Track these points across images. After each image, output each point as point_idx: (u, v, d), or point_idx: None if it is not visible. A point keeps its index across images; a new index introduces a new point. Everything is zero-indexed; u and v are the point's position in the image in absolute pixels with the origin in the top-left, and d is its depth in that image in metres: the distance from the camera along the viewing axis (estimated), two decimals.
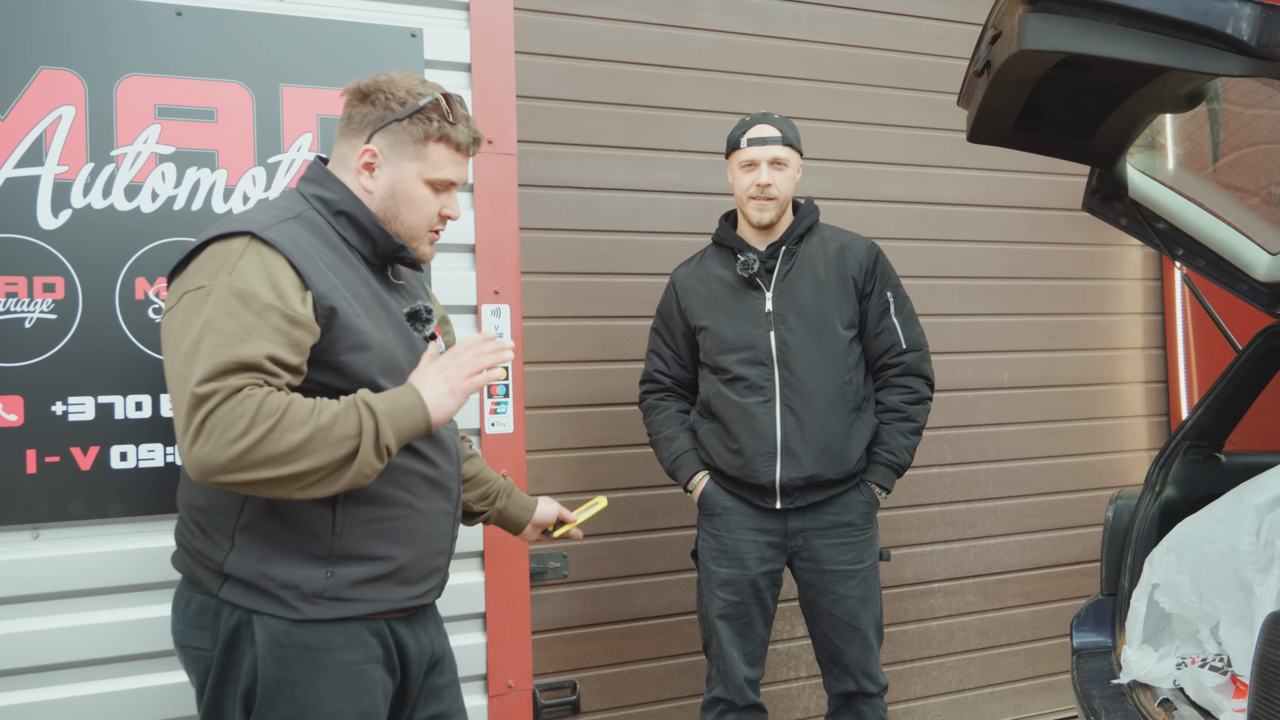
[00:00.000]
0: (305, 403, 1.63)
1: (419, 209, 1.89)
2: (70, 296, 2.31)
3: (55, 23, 2.32)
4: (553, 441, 3.20)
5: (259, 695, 1.75)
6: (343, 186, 1.87)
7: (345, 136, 1.89)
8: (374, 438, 1.66)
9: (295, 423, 1.60)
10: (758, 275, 2.73)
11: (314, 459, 1.61)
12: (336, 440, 1.62)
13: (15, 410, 2.26)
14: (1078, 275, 4.08)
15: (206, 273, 1.68)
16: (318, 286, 1.72)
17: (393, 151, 1.86)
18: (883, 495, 2.77)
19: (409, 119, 1.85)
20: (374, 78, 1.88)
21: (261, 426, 1.57)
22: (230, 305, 1.63)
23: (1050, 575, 3.97)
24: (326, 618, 1.77)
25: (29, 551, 2.28)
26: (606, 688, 3.27)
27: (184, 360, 1.61)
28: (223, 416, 1.56)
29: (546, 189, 3.23)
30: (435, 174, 1.88)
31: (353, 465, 1.65)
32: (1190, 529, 2.55)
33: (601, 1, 3.32)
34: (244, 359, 1.60)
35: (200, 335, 1.61)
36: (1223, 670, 2.33)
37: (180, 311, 1.67)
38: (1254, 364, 2.79)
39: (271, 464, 1.58)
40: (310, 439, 1.60)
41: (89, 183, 2.34)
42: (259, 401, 1.58)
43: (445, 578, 1.99)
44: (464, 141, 1.90)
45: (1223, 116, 2.46)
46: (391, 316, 1.87)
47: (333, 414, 1.64)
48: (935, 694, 3.77)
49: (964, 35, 3.78)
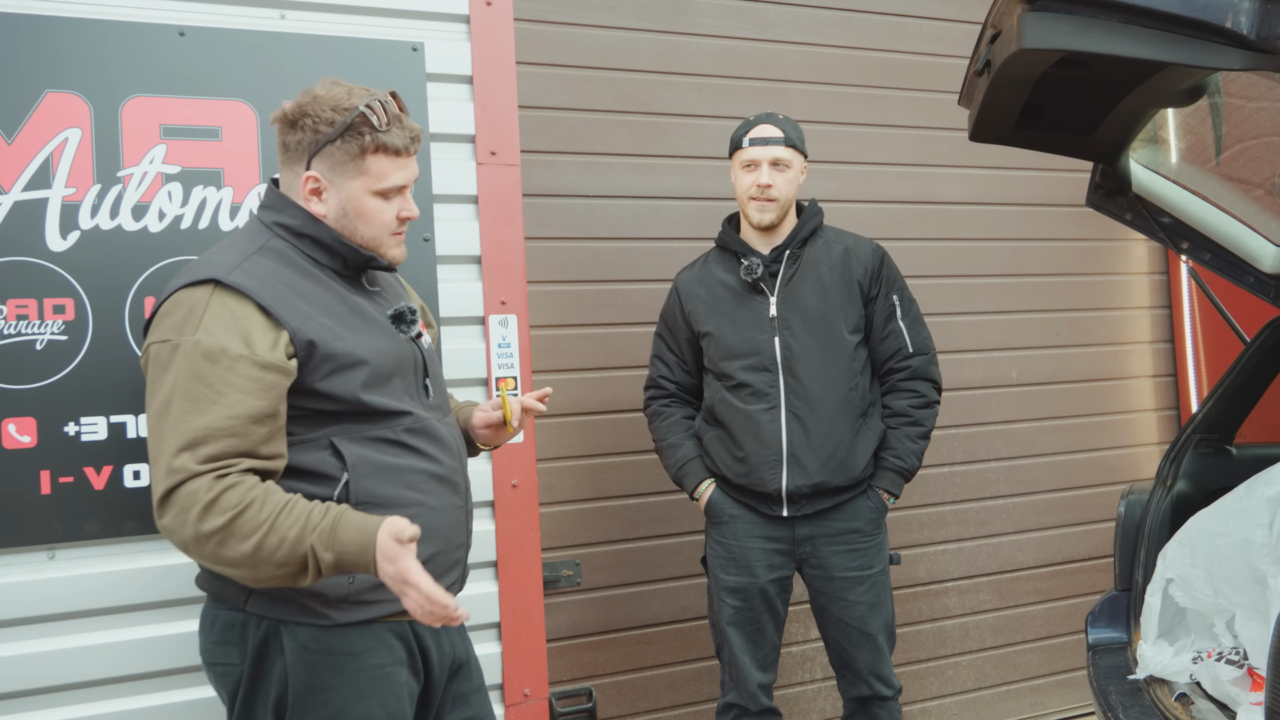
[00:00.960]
0: (261, 511, 1.63)
1: (374, 220, 1.86)
2: (80, 317, 2.33)
3: (60, 46, 2.34)
4: (563, 450, 3.21)
5: (290, 703, 1.77)
6: (300, 210, 1.86)
7: (287, 165, 1.87)
8: (315, 573, 1.66)
9: (245, 532, 1.61)
10: (761, 280, 2.72)
11: (255, 571, 1.64)
12: (280, 563, 1.63)
13: (29, 432, 2.27)
14: (1083, 271, 4.07)
15: (172, 324, 1.70)
16: (291, 322, 1.73)
17: (334, 173, 1.82)
18: (890, 501, 2.76)
19: (340, 138, 1.79)
20: (298, 100, 1.84)
21: (210, 523, 1.60)
22: (197, 366, 1.65)
23: (1064, 571, 3.96)
24: (353, 621, 1.80)
25: (45, 572, 2.28)
26: (622, 694, 3.28)
27: (156, 419, 1.67)
28: (181, 499, 1.61)
29: (550, 198, 3.24)
30: (381, 185, 1.84)
31: (302, 580, 1.67)
32: (1203, 522, 2.54)
33: (601, 10, 3.34)
34: (211, 429, 1.63)
35: (169, 398, 1.65)
36: (1239, 664, 2.32)
37: (150, 365, 1.71)
38: (1263, 356, 2.78)
39: (217, 562, 1.65)
40: (255, 553, 1.62)
41: (96, 204, 2.36)
42: (212, 499, 1.61)
43: (465, 572, 2.02)
44: (401, 145, 1.84)
45: (1224, 110, 2.46)
46: (374, 323, 1.88)
47: (280, 537, 1.62)
48: (951, 693, 3.77)
49: (963, 34, 3.78)
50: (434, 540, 1.88)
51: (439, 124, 2.73)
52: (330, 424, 1.79)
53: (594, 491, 3.25)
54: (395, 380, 1.88)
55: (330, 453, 1.78)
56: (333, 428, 1.79)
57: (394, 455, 1.84)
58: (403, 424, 1.86)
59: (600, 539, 3.26)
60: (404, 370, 1.91)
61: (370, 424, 1.82)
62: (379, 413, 1.83)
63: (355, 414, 1.81)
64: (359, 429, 1.81)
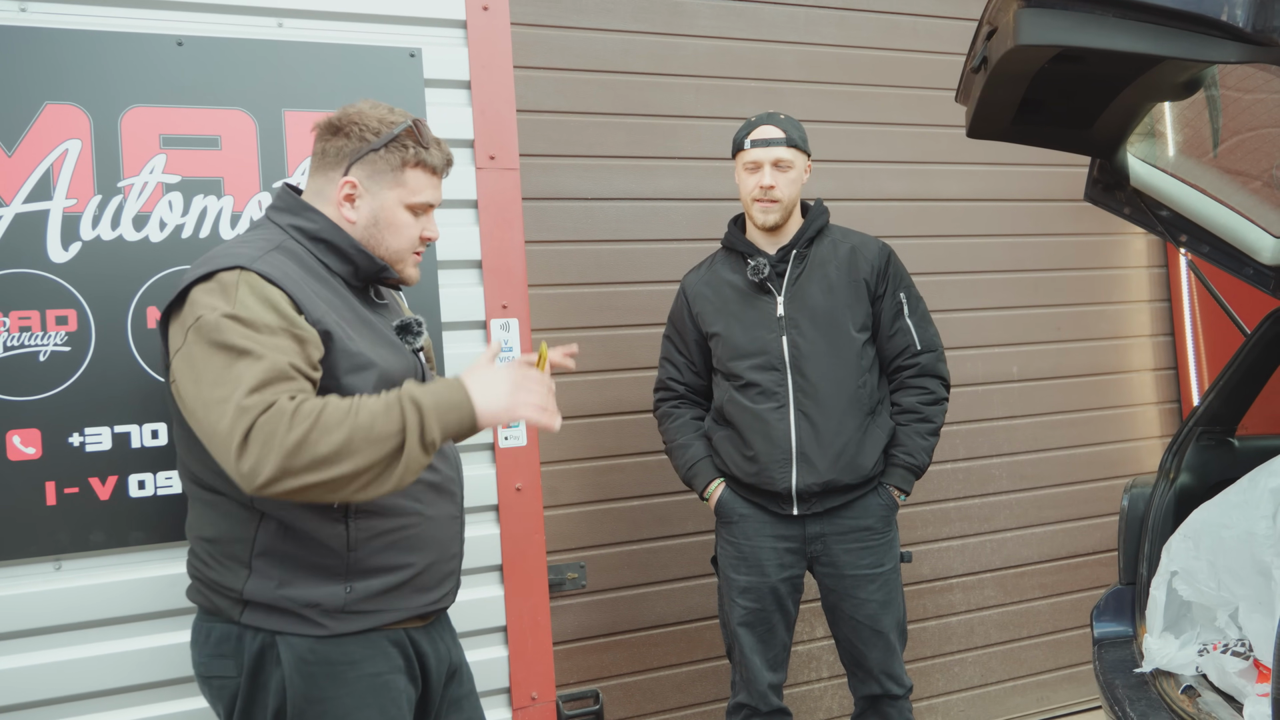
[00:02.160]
0: (341, 404, 1.64)
1: (402, 234, 1.92)
2: (83, 328, 2.33)
3: (59, 58, 2.34)
4: (567, 453, 3.22)
5: (289, 714, 1.77)
6: (322, 216, 1.89)
7: (321, 170, 1.91)
8: (419, 433, 1.66)
9: (331, 424, 1.60)
10: (768, 280, 2.73)
11: (356, 460, 1.61)
12: (379, 438, 1.62)
13: (33, 443, 2.28)
14: (1082, 265, 4.08)
15: (205, 306, 1.69)
16: (311, 312, 1.75)
17: (372, 181, 1.88)
18: (901, 498, 2.76)
19: (385, 148, 1.87)
20: (343, 110, 1.90)
21: (298, 430, 1.58)
22: (239, 331, 1.65)
23: (1068, 566, 3.97)
24: (350, 631, 1.80)
25: (52, 583, 2.29)
26: (630, 696, 3.28)
27: (212, 385, 1.63)
28: (261, 427, 1.58)
29: (550, 201, 3.25)
30: (415, 199, 1.92)
31: (400, 462, 1.65)
32: (1206, 515, 2.55)
33: (597, 13, 3.34)
34: (271, 371, 1.62)
35: (226, 361, 1.63)
36: (1245, 655, 2.33)
37: (191, 346, 1.68)
38: (1263, 347, 2.79)
39: (316, 468, 1.59)
40: (349, 440, 1.60)
41: (97, 214, 2.36)
42: (294, 408, 1.59)
43: (459, 581, 2.03)
44: (439, 164, 1.95)
45: (1221, 102, 2.46)
46: (380, 335, 1.90)
47: (370, 413, 1.63)
48: (958, 689, 3.77)
49: (959, 31, 3.79)
50: (430, 550, 1.90)
51: (437, 129, 2.71)
52: None
53: (598, 494, 3.26)
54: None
55: None
56: None
57: None
58: None
59: (605, 541, 3.26)
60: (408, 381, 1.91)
61: None
62: None
63: None
64: None
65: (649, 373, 3.03)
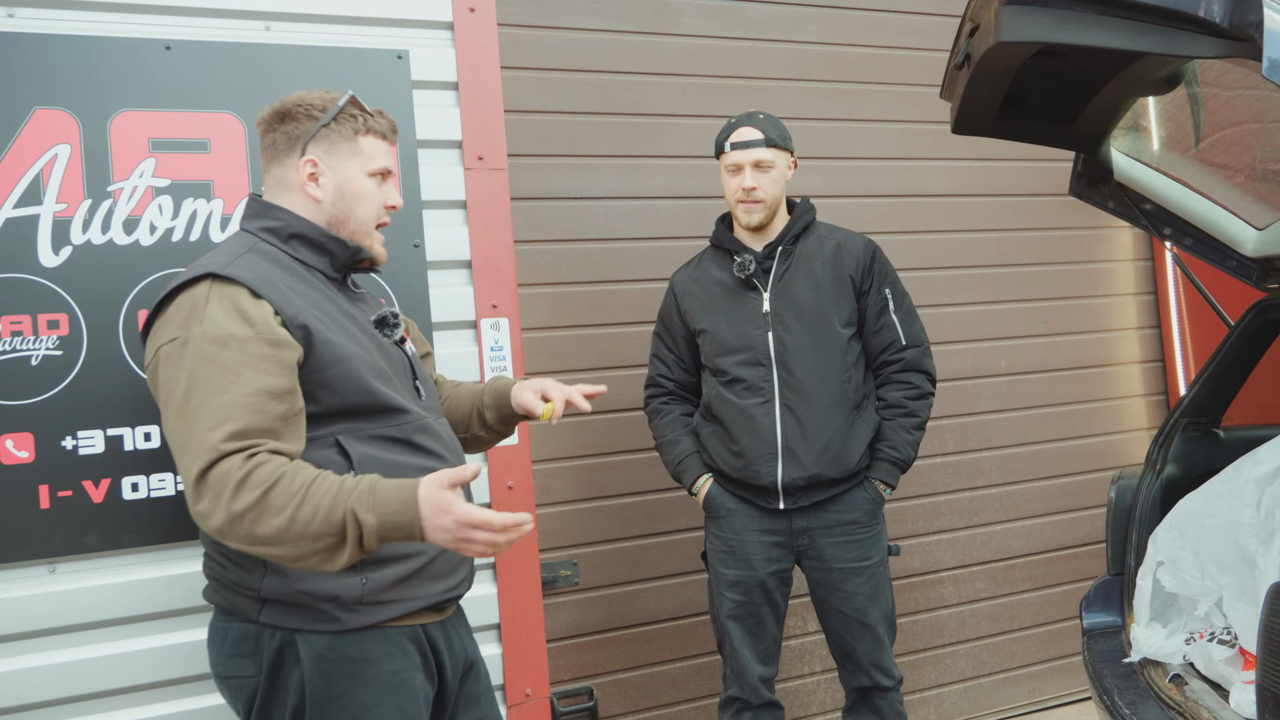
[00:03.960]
0: (292, 484, 1.61)
1: (368, 202, 1.97)
2: (74, 332, 2.34)
3: (48, 63, 2.35)
4: (557, 451, 3.23)
5: (308, 712, 1.79)
6: (286, 211, 1.92)
7: (276, 159, 1.95)
8: (357, 542, 1.62)
9: (276, 506, 1.59)
10: (755, 276, 2.75)
11: (292, 549, 1.61)
12: (315, 535, 1.60)
13: (26, 447, 2.28)
14: (1069, 259, 4.11)
15: (177, 323, 1.72)
16: (285, 310, 1.76)
17: (330, 155, 1.93)
18: (887, 492, 2.78)
19: (335, 120, 1.92)
20: (281, 100, 1.95)
21: (242, 501, 1.59)
22: (210, 353, 1.67)
23: (1058, 558, 3.99)
24: (369, 623, 1.81)
25: (46, 586, 2.29)
26: (623, 692, 3.30)
27: (176, 416, 1.67)
28: (213, 481, 1.61)
29: (538, 201, 3.26)
30: (374, 165, 1.97)
31: (339, 556, 1.62)
32: (1192, 505, 2.57)
33: (584, 13, 3.35)
34: (230, 409, 1.63)
35: (188, 389, 1.66)
36: (1231, 643, 2.35)
37: (162, 366, 1.72)
38: (1247, 338, 2.81)
39: (254, 543, 1.62)
40: (288, 529, 1.59)
41: (88, 219, 2.37)
42: (242, 477, 1.60)
43: (473, 570, 2.04)
44: (386, 130, 2.00)
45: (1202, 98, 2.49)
46: (360, 326, 1.92)
47: (314, 506, 1.59)
48: (949, 682, 3.79)
49: (943, 28, 3.81)
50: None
51: (426, 130, 2.74)
52: (336, 422, 1.81)
53: (590, 491, 3.27)
54: (390, 380, 1.91)
55: (336, 451, 1.80)
56: (338, 425, 1.81)
57: (399, 454, 1.86)
58: (406, 421, 1.89)
59: (597, 538, 3.28)
60: (395, 372, 1.94)
61: (375, 421, 1.85)
62: (384, 408, 1.86)
63: (361, 410, 1.83)
64: (364, 427, 1.84)
65: (639, 371, 3.04)
